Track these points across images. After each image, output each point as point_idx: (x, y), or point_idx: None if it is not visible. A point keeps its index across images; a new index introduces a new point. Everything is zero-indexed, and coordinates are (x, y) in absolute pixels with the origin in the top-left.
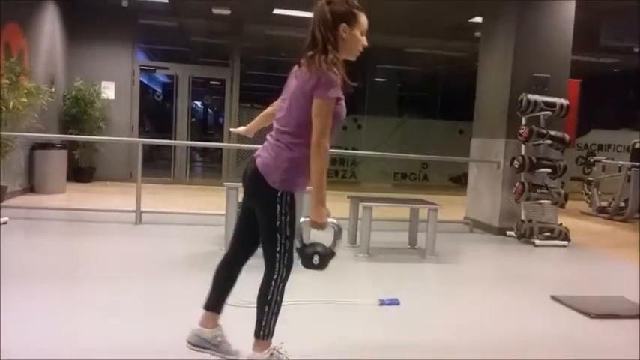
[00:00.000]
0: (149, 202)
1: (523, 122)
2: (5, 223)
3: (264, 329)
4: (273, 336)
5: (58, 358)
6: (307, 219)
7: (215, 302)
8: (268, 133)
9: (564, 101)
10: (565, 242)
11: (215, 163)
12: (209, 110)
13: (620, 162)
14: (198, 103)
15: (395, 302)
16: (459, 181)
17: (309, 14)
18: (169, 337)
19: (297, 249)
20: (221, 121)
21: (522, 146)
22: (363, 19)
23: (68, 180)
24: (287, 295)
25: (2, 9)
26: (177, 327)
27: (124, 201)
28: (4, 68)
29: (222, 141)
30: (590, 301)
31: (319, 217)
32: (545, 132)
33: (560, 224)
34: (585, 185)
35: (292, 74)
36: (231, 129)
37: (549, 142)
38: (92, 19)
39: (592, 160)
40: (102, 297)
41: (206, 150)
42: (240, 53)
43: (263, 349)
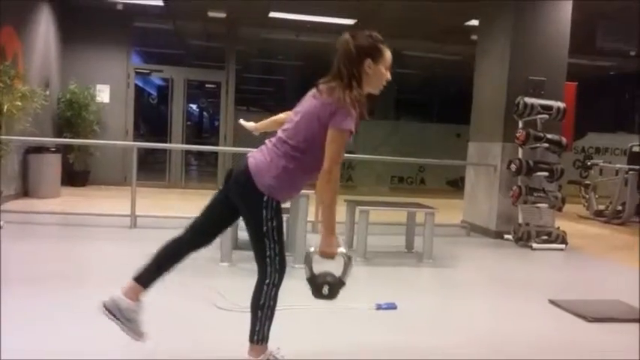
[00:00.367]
0: (144, 206)
1: (520, 125)
2: (0, 228)
3: (259, 334)
4: (268, 341)
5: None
6: (316, 248)
7: (147, 277)
8: (268, 138)
9: (561, 104)
10: (562, 246)
11: (211, 167)
12: (204, 113)
13: (618, 165)
14: (194, 106)
15: (392, 306)
16: (456, 185)
17: (304, 17)
18: (165, 341)
19: (307, 279)
20: (216, 124)
21: (519, 149)
22: (388, 54)
23: (62, 184)
24: (283, 299)
25: None
26: (174, 332)
27: (119, 205)
28: None
29: (217, 144)
30: (587, 305)
31: (329, 246)
32: (542, 135)
33: (558, 228)
34: (583, 188)
35: (311, 94)
36: (241, 120)
37: (546, 145)
38: (87, 22)
39: (589, 163)
40: (97, 301)
41: (201, 153)
42: (235, 56)
43: (259, 354)
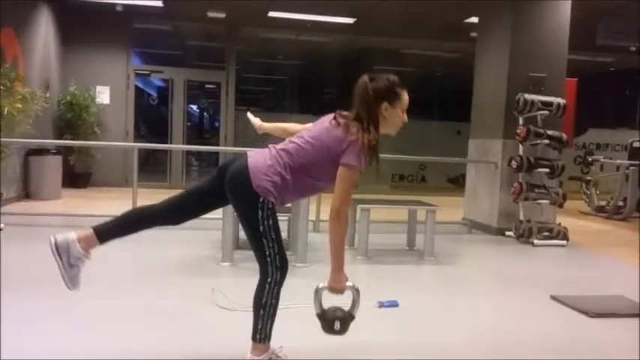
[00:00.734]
0: None
1: (520, 122)
2: (0, 230)
3: (261, 333)
4: (270, 339)
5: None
6: (325, 284)
7: (106, 234)
8: (272, 144)
9: (561, 100)
10: (564, 242)
11: (211, 167)
12: (205, 114)
13: (619, 161)
14: (194, 107)
15: (394, 304)
16: (456, 182)
17: (304, 16)
18: (168, 341)
19: (318, 315)
20: (217, 124)
21: (520, 146)
22: (405, 97)
23: (63, 186)
24: (285, 298)
25: None
26: (176, 332)
27: (120, 206)
28: None
29: (218, 145)
30: (589, 301)
31: (338, 282)
32: (542, 132)
33: (559, 224)
34: (584, 184)
35: (327, 122)
36: (249, 113)
37: (547, 141)
38: (86, 24)
39: (590, 159)
40: (98, 302)
41: (202, 154)
42: (235, 56)
43: (261, 352)
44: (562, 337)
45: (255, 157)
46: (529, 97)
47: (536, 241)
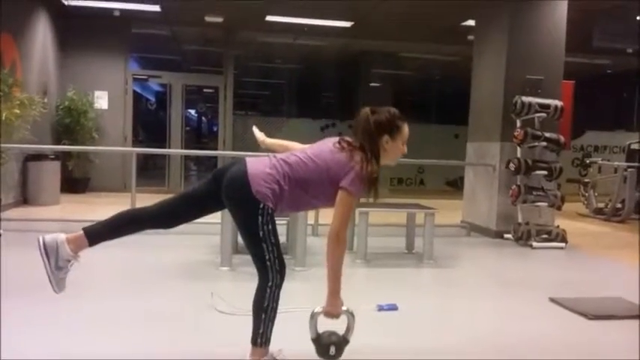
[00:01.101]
0: None
1: (518, 125)
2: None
3: (262, 337)
4: (270, 343)
5: None
6: (320, 309)
7: (97, 236)
8: (273, 154)
9: (558, 103)
10: (562, 244)
11: (210, 172)
12: (203, 118)
13: (616, 163)
14: (192, 112)
15: (393, 307)
16: (455, 185)
17: (301, 20)
18: (167, 345)
19: (313, 339)
20: (215, 129)
21: (518, 149)
22: (405, 130)
23: (62, 191)
24: (284, 302)
25: None
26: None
27: (119, 211)
28: None
29: (216, 149)
30: (588, 303)
31: (334, 307)
32: (540, 134)
33: (558, 226)
34: (582, 187)
35: (330, 144)
36: (255, 127)
37: (544, 144)
38: (84, 29)
39: (588, 161)
40: (97, 307)
41: (200, 158)
42: (233, 60)
43: (261, 356)
44: (561, 340)
45: (255, 164)
46: (526, 99)
47: (534, 244)
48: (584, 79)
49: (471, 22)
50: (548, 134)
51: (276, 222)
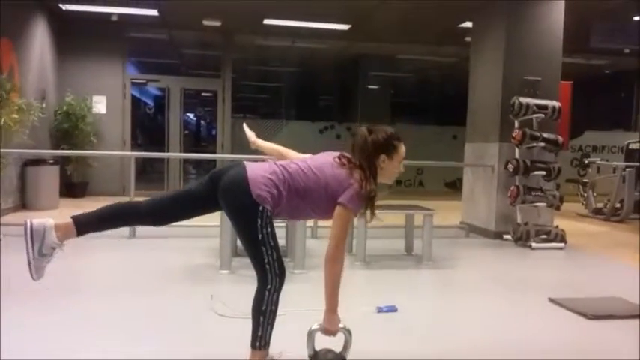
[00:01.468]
0: None
1: (516, 125)
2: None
3: (261, 340)
4: (269, 346)
5: None
6: (318, 326)
7: (84, 226)
8: (274, 160)
9: (556, 103)
10: (562, 244)
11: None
12: (201, 122)
13: (615, 163)
14: (191, 115)
15: (392, 309)
16: (454, 186)
17: (299, 23)
18: (166, 348)
19: (310, 356)
20: (214, 132)
21: (516, 149)
22: (402, 150)
23: (61, 196)
24: (283, 304)
25: None
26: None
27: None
28: None
29: (215, 153)
30: (587, 303)
31: (332, 325)
32: (538, 135)
33: (557, 226)
34: (580, 187)
35: (330, 156)
36: (245, 125)
37: (543, 144)
38: (82, 34)
39: (586, 161)
40: (98, 312)
41: (199, 162)
42: (231, 64)
43: (260, 359)
44: (560, 340)
45: (254, 169)
46: (524, 100)
47: (533, 244)
48: (582, 80)
49: (468, 24)
50: (546, 135)
51: (275, 225)
